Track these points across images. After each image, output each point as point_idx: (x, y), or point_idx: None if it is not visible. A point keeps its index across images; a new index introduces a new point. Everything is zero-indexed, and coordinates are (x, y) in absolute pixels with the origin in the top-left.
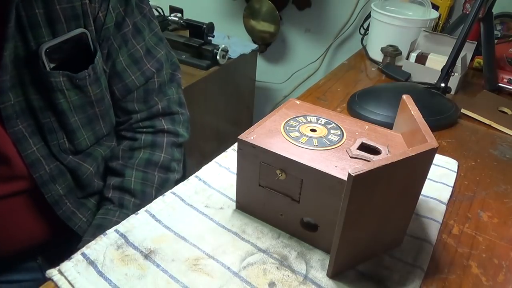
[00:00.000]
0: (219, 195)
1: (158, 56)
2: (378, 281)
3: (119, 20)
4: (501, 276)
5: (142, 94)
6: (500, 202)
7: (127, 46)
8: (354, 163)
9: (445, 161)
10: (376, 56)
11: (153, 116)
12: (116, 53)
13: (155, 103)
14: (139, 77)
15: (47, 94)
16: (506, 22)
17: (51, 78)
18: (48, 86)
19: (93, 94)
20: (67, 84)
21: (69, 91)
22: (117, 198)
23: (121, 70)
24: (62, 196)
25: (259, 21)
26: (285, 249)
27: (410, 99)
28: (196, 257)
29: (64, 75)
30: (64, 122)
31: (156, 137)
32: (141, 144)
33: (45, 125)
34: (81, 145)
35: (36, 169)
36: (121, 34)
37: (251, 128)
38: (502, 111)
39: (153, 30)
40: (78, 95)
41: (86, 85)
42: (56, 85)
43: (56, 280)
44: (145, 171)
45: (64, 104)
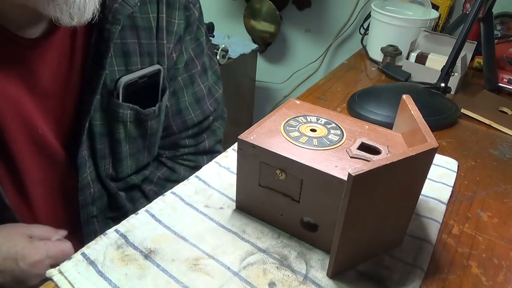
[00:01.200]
0: (219, 195)
1: (216, 95)
2: (378, 281)
3: (189, 60)
4: (501, 276)
5: (196, 131)
6: (500, 202)
7: (193, 85)
8: (354, 163)
9: (445, 161)
10: (376, 56)
11: (199, 153)
12: (181, 92)
13: (203, 139)
14: (198, 115)
15: (110, 123)
16: (506, 22)
17: (120, 110)
18: (114, 116)
19: (149, 128)
20: (132, 117)
21: (131, 123)
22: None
23: (183, 108)
24: (93, 217)
25: (259, 21)
26: (285, 249)
27: (410, 99)
28: (196, 257)
29: (133, 109)
30: (115, 151)
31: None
32: (178, 178)
33: (99, 151)
34: (123, 173)
35: (84, 191)
36: (189, 75)
37: (251, 128)
38: (502, 111)
39: (213, 68)
40: (137, 128)
41: (147, 120)
42: (122, 116)
43: (56, 280)
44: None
45: (121, 134)
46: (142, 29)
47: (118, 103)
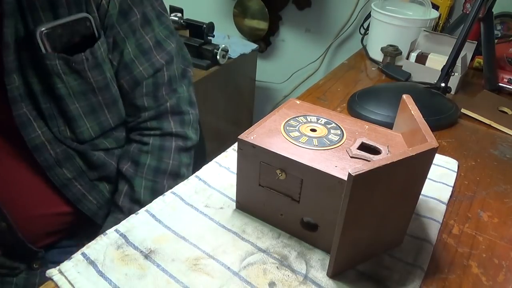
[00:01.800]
0: (219, 195)
1: (168, 48)
2: (378, 281)
3: (125, 8)
4: (501, 276)
5: (151, 89)
6: (500, 202)
7: (135, 36)
8: (354, 163)
9: (445, 161)
10: (376, 56)
11: (162, 114)
12: (123, 43)
13: (164, 100)
14: (147, 68)
15: (45, 78)
16: (506, 22)
17: (46, 61)
18: (45, 69)
19: (94, 81)
20: (64, 68)
21: (67, 75)
22: (127, 208)
23: (129, 61)
24: (71, 180)
25: (249, 18)
26: (285, 249)
27: (410, 99)
28: (196, 257)
29: (60, 58)
30: (63, 109)
31: (164, 141)
32: (149, 149)
33: (45, 111)
34: (83, 135)
35: (40, 153)
36: (128, 24)
37: (251, 128)
38: (502, 111)
39: (164, 23)
40: (77, 80)
41: (84, 70)
42: (52, 68)
43: (56, 280)
44: (155, 180)
45: (62, 90)
46: None
47: (42, 54)
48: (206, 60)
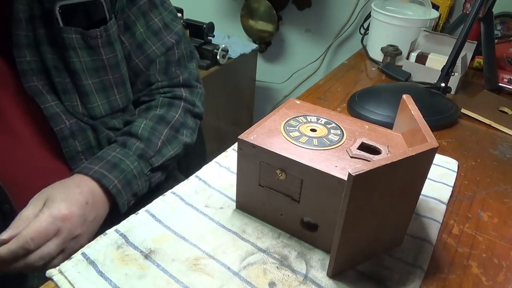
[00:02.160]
0: (219, 195)
1: (176, 29)
2: (378, 281)
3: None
4: (501, 276)
5: (164, 65)
6: (500, 202)
7: (145, 18)
8: (354, 163)
9: (445, 161)
10: (376, 56)
11: (174, 85)
12: (134, 25)
13: (176, 75)
14: (159, 47)
15: (61, 53)
16: (506, 22)
17: (64, 34)
18: (61, 43)
19: (106, 58)
20: (80, 42)
21: (82, 50)
22: (121, 139)
23: (141, 41)
24: (79, 153)
25: (257, 20)
26: (285, 249)
27: (410, 99)
28: (196, 257)
29: (77, 32)
30: (77, 84)
31: (174, 100)
32: (157, 104)
33: (59, 85)
34: (95, 111)
35: (56, 122)
36: (137, 7)
37: (251, 128)
38: (502, 111)
39: (168, 8)
40: (91, 56)
41: (98, 46)
42: (69, 42)
43: (56, 280)
44: (156, 123)
45: (77, 64)
46: None
47: (60, 27)
48: (206, 60)
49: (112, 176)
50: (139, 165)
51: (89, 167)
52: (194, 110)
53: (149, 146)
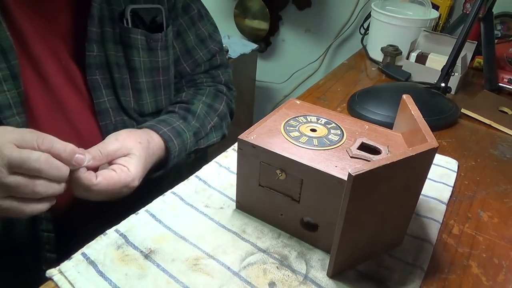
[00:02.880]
0: (219, 195)
1: (218, 39)
2: (378, 281)
3: (186, 4)
4: (501, 276)
5: (208, 68)
6: (500, 202)
7: (194, 27)
8: (354, 163)
9: (445, 161)
10: (376, 56)
11: (216, 82)
12: (185, 33)
13: (218, 75)
14: (206, 53)
15: (124, 51)
16: (506, 22)
17: (131, 34)
18: (127, 42)
19: (161, 60)
20: (143, 43)
21: (143, 50)
22: (182, 113)
23: (191, 48)
24: None
25: (250, 19)
26: (285, 249)
27: (410, 99)
28: (196, 257)
29: (142, 34)
30: (133, 81)
31: (218, 92)
32: (204, 93)
33: (118, 80)
34: (144, 108)
35: (103, 117)
36: (189, 16)
37: (251, 128)
38: (502, 111)
39: (210, 20)
40: (149, 57)
41: (157, 49)
42: (134, 42)
43: (56, 280)
44: (208, 110)
45: (136, 62)
46: None
47: (128, 28)
48: None
49: (176, 143)
50: (192, 141)
51: (158, 127)
52: (231, 106)
53: (202, 128)
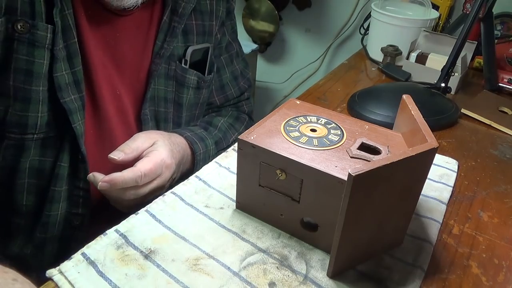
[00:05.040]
0: (219, 195)
1: (247, 76)
2: (378, 281)
3: (229, 42)
4: (501, 276)
5: (236, 102)
6: (500, 202)
7: (232, 64)
8: (354, 163)
9: (445, 161)
10: (376, 56)
11: (240, 111)
12: (223, 69)
13: (242, 105)
14: (236, 91)
15: (175, 88)
16: (506, 22)
17: (187, 75)
18: (180, 81)
19: (202, 97)
20: (194, 83)
21: (192, 89)
22: (203, 125)
23: (225, 84)
24: None
25: (258, 21)
26: (285, 249)
27: (410, 99)
28: (196, 257)
29: (196, 75)
30: (177, 115)
31: (240, 116)
32: (227, 114)
33: (162, 114)
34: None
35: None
36: (229, 55)
37: (251, 128)
38: (502, 111)
39: (243, 56)
40: (195, 94)
41: (203, 88)
42: (187, 81)
43: (56, 280)
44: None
45: (184, 99)
46: (203, 12)
47: (186, 68)
48: None
49: (200, 146)
50: (213, 149)
51: (182, 132)
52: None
53: (224, 139)
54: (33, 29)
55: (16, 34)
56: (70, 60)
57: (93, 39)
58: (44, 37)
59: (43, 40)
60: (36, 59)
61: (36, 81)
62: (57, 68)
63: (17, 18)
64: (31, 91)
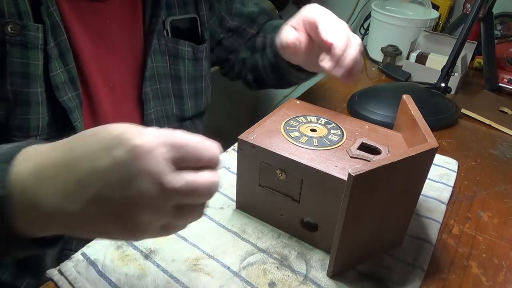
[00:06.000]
0: (219, 195)
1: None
2: (378, 281)
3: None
4: (501, 276)
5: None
6: (500, 202)
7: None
8: (354, 163)
9: (445, 161)
10: (376, 56)
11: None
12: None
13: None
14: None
15: (169, 61)
16: (506, 22)
17: (178, 46)
18: (173, 53)
19: (204, 69)
20: (190, 54)
21: (190, 61)
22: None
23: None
24: None
25: None
26: (285, 249)
27: (410, 99)
28: (196, 257)
29: (189, 46)
30: (177, 88)
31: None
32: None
33: (164, 90)
34: (185, 113)
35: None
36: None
37: (251, 128)
38: (502, 111)
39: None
40: (194, 66)
41: (201, 58)
42: (181, 53)
43: (56, 280)
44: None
45: (182, 72)
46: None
47: (177, 40)
48: None
49: None
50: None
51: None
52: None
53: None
54: (24, 30)
55: (7, 37)
56: (62, 57)
57: (81, 32)
58: (36, 38)
59: (35, 40)
60: (31, 61)
61: (33, 83)
62: (52, 67)
63: (5, 20)
64: (29, 94)
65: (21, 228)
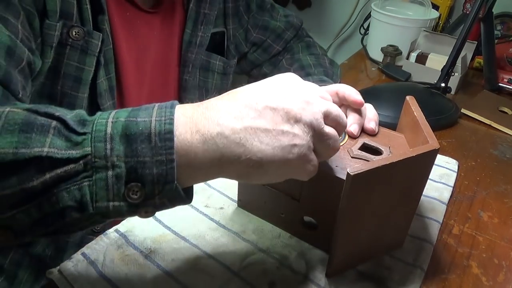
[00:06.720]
0: (219, 195)
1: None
2: (378, 281)
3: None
4: (501, 276)
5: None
6: (500, 202)
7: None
8: (354, 163)
9: (445, 161)
10: (376, 56)
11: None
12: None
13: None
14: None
15: (200, 74)
16: (506, 22)
17: (210, 60)
18: (205, 66)
19: (229, 83)
20: (220, 68)
21: (219, 75)
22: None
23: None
24: None
25: None
26: (285, 249)
27: (414, 100)
28: (196, 257)
29: (221, 60)
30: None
31: (302, 40)
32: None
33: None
34: None
35: None
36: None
37: None
38: (502, 111)
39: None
40: (222, 80)
41: (229, 73)
42: (212, 66)
43: (56, 280)
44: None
45: (209, 84)
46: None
47: (209, 53)
48: None
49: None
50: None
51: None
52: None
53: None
54: (87, 36)
55: (70, 40)
56: (106, 66)
57: (126, 42)
58: (96, 45)
59: (94, 48)
60: (86, 66)
61: (82, 88)
62: (100, 74)
63: (72, 24)
64: (77, 98)
65: (181, 167)
